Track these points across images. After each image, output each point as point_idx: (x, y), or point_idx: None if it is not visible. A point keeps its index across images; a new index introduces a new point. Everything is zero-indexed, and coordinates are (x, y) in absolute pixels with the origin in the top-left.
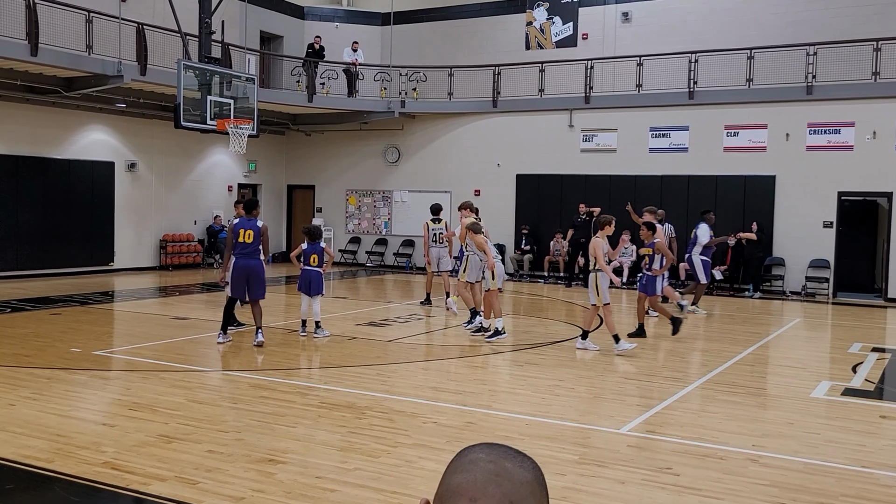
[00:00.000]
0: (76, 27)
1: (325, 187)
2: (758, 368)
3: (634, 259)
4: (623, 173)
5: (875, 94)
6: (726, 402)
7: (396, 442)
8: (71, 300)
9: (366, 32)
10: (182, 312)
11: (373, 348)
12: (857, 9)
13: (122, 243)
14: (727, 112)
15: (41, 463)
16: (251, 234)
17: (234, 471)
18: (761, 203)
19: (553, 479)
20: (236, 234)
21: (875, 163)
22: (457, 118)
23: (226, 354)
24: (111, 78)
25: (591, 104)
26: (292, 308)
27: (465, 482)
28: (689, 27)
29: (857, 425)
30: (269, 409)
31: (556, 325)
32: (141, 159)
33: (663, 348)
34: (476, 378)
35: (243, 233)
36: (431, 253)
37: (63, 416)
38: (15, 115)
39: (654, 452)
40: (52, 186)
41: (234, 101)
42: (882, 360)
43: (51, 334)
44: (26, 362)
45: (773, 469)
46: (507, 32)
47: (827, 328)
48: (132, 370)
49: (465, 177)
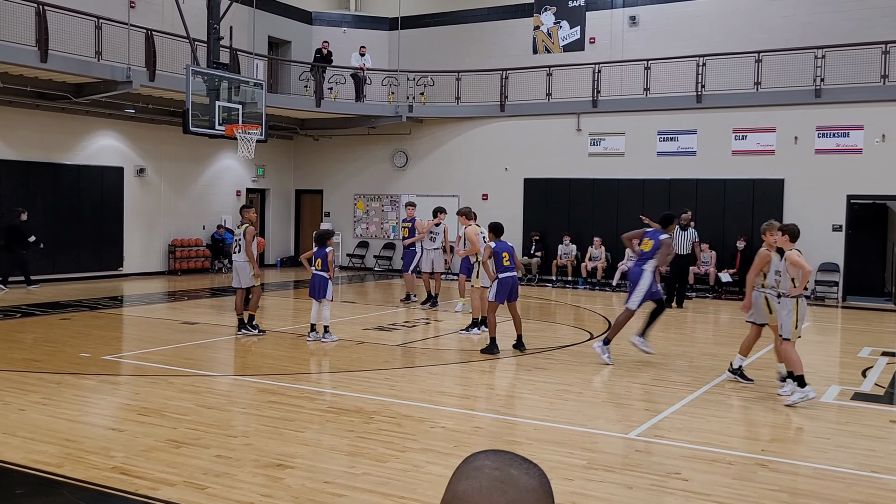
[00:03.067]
0: (85, 33)
1: (333, 192)
2: (767, 373)
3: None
4: (631, 177)
5: (884, 97)
6: (735, 407)
7: (404, 447)
8: (80, 305)
9: (373, 37)
10: (191, 317)
11: (381, 353)
12: (865, 11)
13: (131, 248)
14: (735, 115)
15: (51, 468)
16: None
17: (243, 476)
18: (770, 207)
19: (561, 484)
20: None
21: (884, 166)
22: (464, 122)
23: (234, 359)
24: (120, 84)
25: (598, 108)
26: (301, 313)
27: (470, 489)
28: (696, 31)
29: (867, 430)
30: (277, 414)
31: (564, 329)
32: (150, 164)
33: (671, 352)
34: (484, 382)
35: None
36: (426, 254)
37: (72, 421)
38: (25, 121)
39: (662, 457)
40: (62, 192)
41: (242, 107)
42: (892, 365)
43: (60, 339)
44: (36, 367)
45: (783, 474)
46: (514, 36)
47: (836, 332)
48: (141, 375)
49: (472, 181)
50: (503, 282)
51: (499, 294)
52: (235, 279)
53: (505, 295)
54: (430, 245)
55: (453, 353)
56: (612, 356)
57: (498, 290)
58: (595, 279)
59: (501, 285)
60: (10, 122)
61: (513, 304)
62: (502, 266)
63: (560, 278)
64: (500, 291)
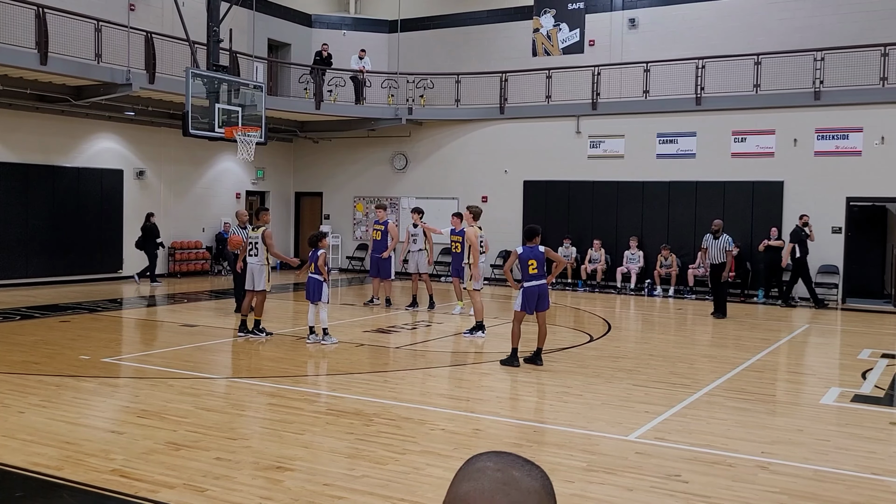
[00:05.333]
0: (85, 36)
1: (332, 194)
2: (767, 375)
3: (642, 265)
4: (630, 179)
5: (883, 100)
6: (735, 409)
7: (404, 449)
8: (80, 307)
9: (373, 40)
10: (190, 319)
11: (380, 355)
12: (864, 14)
13: (130, 251)
14: (735, 118)
15: (50, 470)
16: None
17: (242, 478)
18: (769, 209)
19: (561, 486)
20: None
21: (884, 168)
22: (464, 125)
23: (234, 361)
24: (120, 86)
25: (598, 110)
26: (300, 315)
27: (472, 491)
28: (695, 33)
29: (868, 432)
30: (276, 417)
31: (563, 331)
32: (149, 167)
33: (671, 355)
34: (484, 385)
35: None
36: (410, 256)
37: (72, 424)
38: (24, 123)
39: (662, 459)
40: (62, 194)
41: (241, 109)
42: (892, 367)
43: (60, 342)
44: (35, 370)
45: (783, 476)
46: (513, 39)
47: (836, 334)
48: (140, 377)
49: (472, 183)
50: (528, 291)
51: (525, 304)
52: (249, 282)
53: (532, 305)
54: (413, 247)
55: (453, 355)
56: (614, 359)
57: (524, 301)
58: (595, 281)
59: (527, 295)
60: (9, 124)
61: (542, 313)
62: (528, 274)
63: (560, 280)
64: (527, 301)
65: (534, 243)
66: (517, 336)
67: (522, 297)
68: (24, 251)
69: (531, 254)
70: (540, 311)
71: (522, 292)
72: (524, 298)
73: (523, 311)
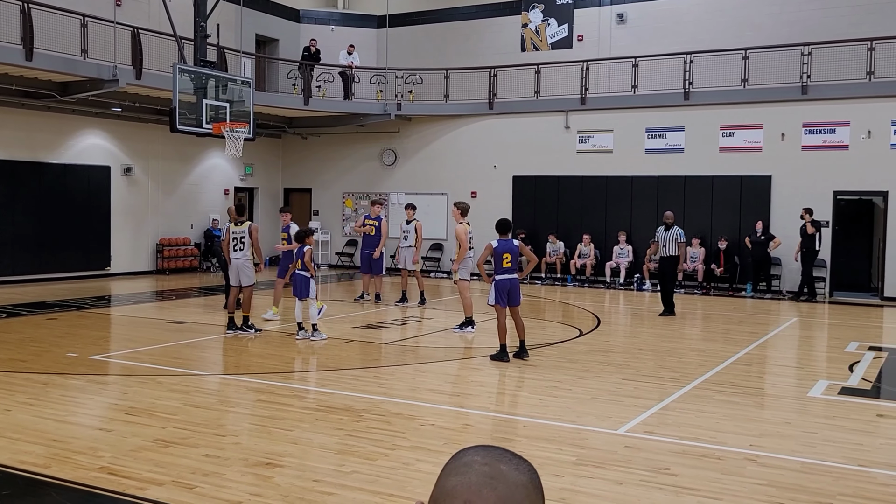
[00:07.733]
0: (71, 31)
1: (321, 190)
2: (755, 368)
3: (631, 259)
4: (619, 174)
5: (870, 94)
6: (724, 402)
7: (394, 444)
8: (67, 305)
9: (361, 35)
10: (179, 316)
11: (370, 351)
12: (851, 9)
13: (118, 248)
14: (723, 112)
15: (38, 468)
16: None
17: (232, 475)
18: (757, 203)
19: (551, 480)
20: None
21: (870, 162)
22: (453, 120)
23: (223, 358)
24: (106, 82)
25: (586, 105)
26: (289, 311)
27: (459, 485)
28: (684, 28)
29: (855, 424)
30: (266, 413)
31: (553, 326)
32: (137, 163)
33: (660, 349)
34: (473, 380)
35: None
36: (399, 252)
37: (59, 421)
38: (10, 120)
39: (651, 453)
40: (48, 191)
41: (229, 105)
42: (879, 359)
43: (47, 339)
44: (22, 367)
45: (771, 469)
46: (502, 34)
47: (824, 327)
48: (129, 375)
49: (461, 179)
50: (500, 284)
51: (498, 297)
52: (234, 278)
53: (504, 298)
54: (403, 243)
55: (442, 350)
56: (604, 353)
57: (497, 294)
58: (584, 276)
59: (499, 288)
60: None
61: (515, 308)
62: (501, 267)
63: (549, 275)
64: (499, 294)
65: (507, 237)
66: (504, 331)
67: (495, 291)
68: (11, 248)
69: (506, 247)
70: (513, 307)
71: (494, 285)
72: (496, 291)
73: (497, 304)
